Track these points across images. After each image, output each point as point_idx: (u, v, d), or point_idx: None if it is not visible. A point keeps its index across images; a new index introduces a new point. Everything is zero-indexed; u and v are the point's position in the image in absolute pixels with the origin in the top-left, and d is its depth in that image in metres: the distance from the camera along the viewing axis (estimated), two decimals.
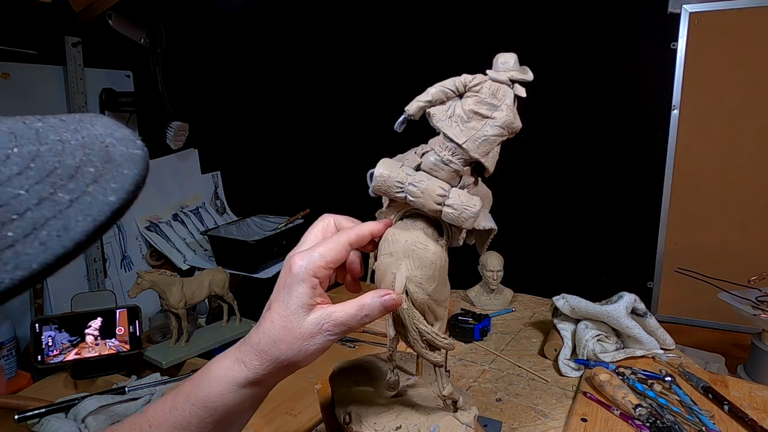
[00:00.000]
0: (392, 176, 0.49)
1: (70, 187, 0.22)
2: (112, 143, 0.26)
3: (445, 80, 0.50)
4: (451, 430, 0.54)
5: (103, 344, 1.20)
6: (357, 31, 1.91)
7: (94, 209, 0.22)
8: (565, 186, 1.62)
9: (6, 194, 0.20)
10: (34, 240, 0.20)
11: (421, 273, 0.50)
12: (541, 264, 1.66)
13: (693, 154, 1.43)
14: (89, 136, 0.27)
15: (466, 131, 0.49)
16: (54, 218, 0.21)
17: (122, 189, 0.23)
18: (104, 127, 0.28)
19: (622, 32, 1.48)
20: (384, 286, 0.50)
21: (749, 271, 1.11)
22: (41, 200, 0.21)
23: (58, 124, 0.27)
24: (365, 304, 0.45)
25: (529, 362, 0.93)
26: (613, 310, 0.90)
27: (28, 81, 1.38)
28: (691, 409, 0.73)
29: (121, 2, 1.39)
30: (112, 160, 0.25)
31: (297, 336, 0.44)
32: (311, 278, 0.44)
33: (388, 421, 0.54)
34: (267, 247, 1.62)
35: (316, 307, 0.44)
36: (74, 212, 0.21)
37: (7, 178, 0.21)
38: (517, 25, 1.62)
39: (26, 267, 0.19)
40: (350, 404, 0.57)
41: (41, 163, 0.23)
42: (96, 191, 0.23)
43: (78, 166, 0.23)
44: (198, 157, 1.89)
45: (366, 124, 1.93)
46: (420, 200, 0.49)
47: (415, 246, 0.51)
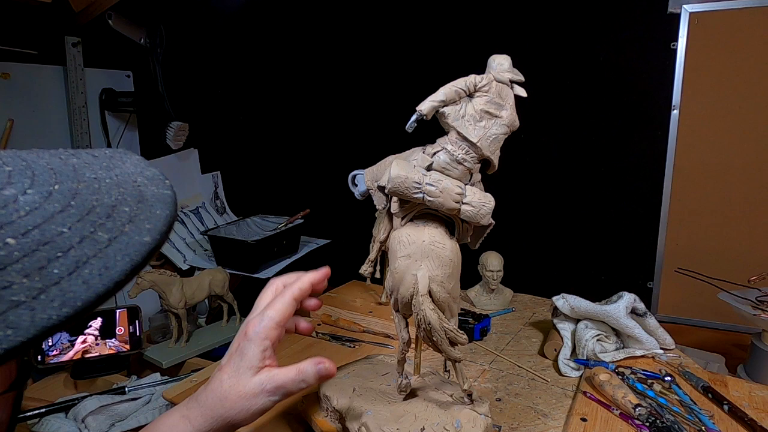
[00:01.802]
0: (409, 177, 0.49)
1: (108, 226, 0.23)
2: (143, 183, 0.27)
3: (455, 80, 0.50)
4: (473, 421, 0.55)
5: (103, 344, 1.20)
6: (356, 31, 1.91)
7: (131, 249, 0.22)
8: (565, 186, 1.62)
9: (51, 231, 0.21)
10: (78, 278, 0.20)
11: (441, 272, 0.51)
12: (541, 264, 1.66)
13: (693, 154, 1.43)
14: (122, 174, 0.27)
15: (478, 130, 0.50)
16: (95, 257, 0.21)
17: (156, 229, 0.24)
18: (134, 165, 0.29)
19: (622, 32, 1.48)
20: (404, 289, 0.51)
21: (749, 271, 1.11)
22: (83, 238, 0.21)
23: (91, 160, 0.28)
24: (302, 370, 0.48)
25: (529, 362, 0.93)
26: (612, 310, 0.90)
27: (28, 81, 1.38)
28: (691, 409, 0.73)
29: (121, 2, 1.39)
30: (145, 200, 0.25)
31: (242, 395, 0.46)
32: (263, 341, 0.48)
33: (410, 424, 0.54)
34: (267, 247, 1.62)
35: (263, 369, 0.47)
36: (113, 252, 0.22)
37: (51, 215, 0.22)
38: (518, 25, 1.62)
39: (71, 305, 0.19)
40: (362, 415, 0.56)
41: (81, 201, 0.23)
42: (132, 231, 0.23)
43: (114, 205, 0.24)
44: (198, 157, 1.89)
45: (366, 124, 1.93)
46: (439, 200, 0.50)
47: (434, 245, 0.51)
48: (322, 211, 1.84)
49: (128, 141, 1.66)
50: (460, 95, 0.50)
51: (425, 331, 0.52)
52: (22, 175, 0.24)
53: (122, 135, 1.63)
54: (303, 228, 1.76)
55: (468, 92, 0.51)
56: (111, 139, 1.59)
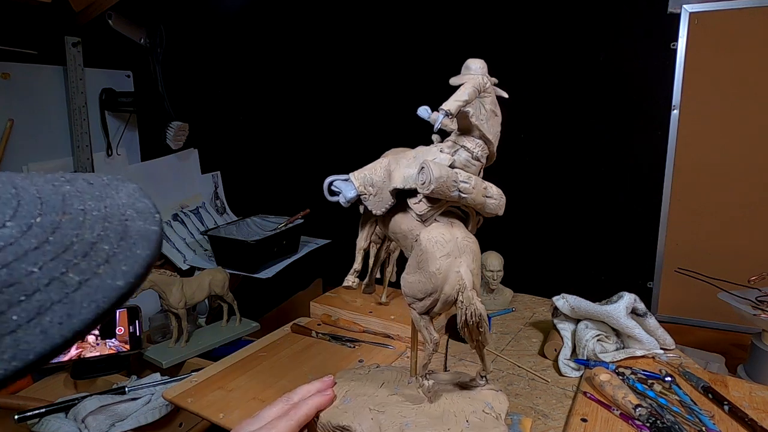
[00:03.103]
0: (450, 176, 0.51)
1: (81, 267, 0.21)
2: (131, 216, 0.26)
3: (470, 81, 0.52)
4: (498, 398, 0.58)
5: (103, 344, 1.20)
6: (355, 31, 1.91)
7: (100, 294, 0.21)
8: (565, 186, 1.62)
9: (20, 271, 0.19)
10: (36, 326, 0.18)
11: (475, 265, 0.53)
12: (541, 264, 1.66)
13: (693, 154, 1.43)
14: (112, 206, 0.26)
15: (491, 128, 0.53)
16: (60, 302, 0.19)
17: (131, 272, 0.22)
18: (128, 196, 0.28)
19: (622, 32, 1.48)
20: (449, 287, 0.52)
21: (749, 271, 1.11)
22: (51, 280, 0.20)
23: (84, 188, 0.27)
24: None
25: (529, 362, 0.93)
26: (613, 310, 0.90)
27: (28, 81, 1.38)
28: (691, 409, 0.73)
29: (121, 2, 1.39)
30: (128, 236, 0.24)
31: None
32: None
33: (454, 422, 0.54)
34: (267, 247, 1.62)
35: None
36: (80, 296, 0.20)
37: (25, 252, 0.20)
38: (518, 25, 1.62)
39: (23, 358, 0.17)
40: (402, 430, 0.54)
41: (60, 236, 0.22)
42: (106, 273, 0.21)
43: (94, 242, 0.23)
44: (198, 157, 1.89)
45: (365, 124, 1.93)
46: (472, 195, 0.52)
47: (467, 241, 0.53)
48: (322, 211, 1.84)
49: (128, 141, 1.66)
50: (476, 95, 0.52)
51: (474, 324, 0.52)
52: (7, 205, 0.23)
53: (122, 135, 1.63)
54: (303, 228, 1.76)
55: (479, 92, 0.53)
56: (111, 139, 1.59)
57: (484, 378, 0.61)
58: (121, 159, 1.64)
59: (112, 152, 1.60)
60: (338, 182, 0.56)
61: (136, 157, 1.69)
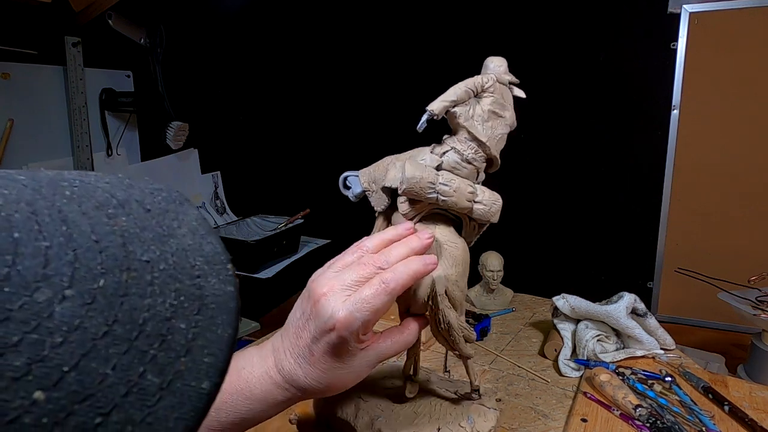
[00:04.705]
0: (424, 177, 0.50)
1: (159, 362, 0.14)
2: (202, 270, 0.18)
3: (464, 81, 0.51)
4: (484, 415, 0.57)
5: None
6: (355, 31, 1.91)
7: (187, 406, 0.14)
8: (565, 186, 1.62)
9: (91, 375, 0.13)
10: None
11: (455, 271, 0.51)
12: (541, 264, 1.66)
13: (693, 154, 1.43)
14: (178, 252, 0.18)
15: (486, 130, 0.51)
16: (142, 422, 0.13)
17: (215, 366, 0.16)
18: (192, 232, 0.19)
19: (622, 32, 1.48)
20: (422, 290, 0.51)
21: (749, 271, 1.11)
22: (130, 388, 0.14)
23: (143, 217, 0.18)
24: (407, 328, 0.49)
25: (529, 362, 0.93)
26: (613, 310, 0.90)
27: (28, 81, 1.38)
28: (692, 410, 0.73)
29: (121, 2, 1.39)
30: (205, 306, 0.17)
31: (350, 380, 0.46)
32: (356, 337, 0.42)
33: (425, 425, 0.55)
34: (267, 247, 1.62)
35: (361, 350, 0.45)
36: (164, 411, 0.14)
37: (93, 343, 0.14)
38: (518, 25, 1.62)
39: None
40: (373, 422, 0.55)
41: (128, 310, 0.15)
42: (188, 371, 0.15)
43: (169, 318, 0.16)
44: (198, 157, 1.89)
45: (365, 124, 1.93)
46: (452, 199, 0.50)
47: (447, 245, 0.51)
48: (322, 211, 1.84)
49: (128, 141, 1.66)
50: (469, 95, 0.51)
51: (444, 331, 0.52)
52: (60, 257, 0.15)
53: (122, 135, 1.63)
54: (303, 228, 1.76)
55: (475, 92, 0.51)
56: (111, 139, 1.59)
57: (476, 392, 0.59)
58: (121, 159, 1.64)
59: (112, 152, 1.60)
60: (351, 177, 0.57)
61: (136, 157, 1.69)
